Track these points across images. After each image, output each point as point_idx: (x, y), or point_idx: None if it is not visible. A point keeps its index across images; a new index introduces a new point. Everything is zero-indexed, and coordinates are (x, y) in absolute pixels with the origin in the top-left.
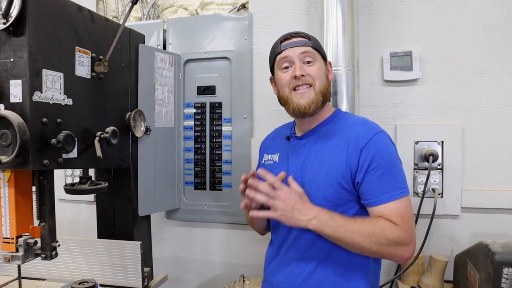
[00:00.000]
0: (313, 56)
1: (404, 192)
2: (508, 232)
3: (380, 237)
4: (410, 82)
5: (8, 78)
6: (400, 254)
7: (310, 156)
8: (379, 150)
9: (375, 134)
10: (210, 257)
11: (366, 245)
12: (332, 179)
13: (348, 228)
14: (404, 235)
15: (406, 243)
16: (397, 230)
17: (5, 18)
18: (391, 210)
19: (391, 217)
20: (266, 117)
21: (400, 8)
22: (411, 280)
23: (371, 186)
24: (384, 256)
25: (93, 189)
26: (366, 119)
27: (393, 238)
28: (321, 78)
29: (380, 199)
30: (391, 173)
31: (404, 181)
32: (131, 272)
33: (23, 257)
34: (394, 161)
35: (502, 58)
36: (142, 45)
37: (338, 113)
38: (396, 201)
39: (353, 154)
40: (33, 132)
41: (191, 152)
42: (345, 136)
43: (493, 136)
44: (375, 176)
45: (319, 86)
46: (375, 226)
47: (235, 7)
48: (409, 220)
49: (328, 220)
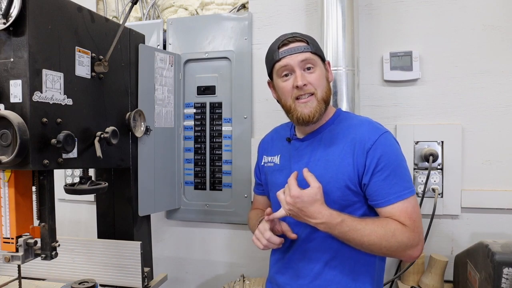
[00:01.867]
0: (313, 62)
1: (411, 191)
2: (508, 232)
3: (391, 239)
4: (410, 82)
5: (8, 78)
6: (409, 255)
7: (314, 158)
8: (385, 151)
9: (380, 135)
10: (210, 257)
11: (376, 247)
12: (340, 181)
13: (359, 232)
14: (413, 236)
15: (415, 243)
16: (407, 231)
17: (5, 18)
18: (399, 211)
19: (400, 218)
20: (266, 117)
21: (400, 8)
22: (411, 280)
23: (378, 187)
24: (393, 256)
25: (93, 189)
26: (370, 120)
27: (404, 240)
28: (322, 85)
29: (387, 199)
30: (397, 174)
31: (410, 181)
32: (131, 272)
33: (23, 257)
34: (400, 161)
35: (502, 58)
36: (142, 45)
37: (340, 113)
38: (403, 201)
39: (359, 156)
40: (33, 132)
41: (191, 152)
42: (350, 137)
43: (493, 136)
44: (382, 177)
45: (321, 94)
46: (386, 228)
47: (235, 7)
48: (417, 219)
49: (337, 225)
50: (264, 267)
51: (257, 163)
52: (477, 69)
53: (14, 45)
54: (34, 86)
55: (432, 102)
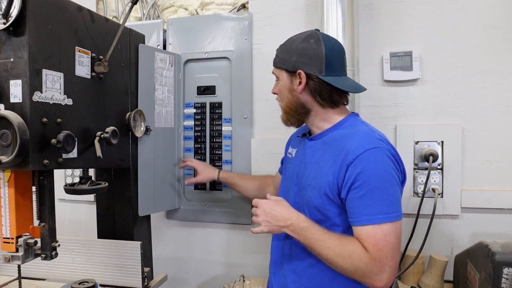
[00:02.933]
0: (276, 75)
1: (387, 217)
2: (508, 232)
3: (346, 259)
4: (410, 82)
5: (8, 78)
6: (370, 283)
7: (311, 160)
8: (365, 168)
9: (366, 150)
10: (210, 257)
11: (333, 264)
12: (321, 189)
13: (319, 243)
14: (373, 265)
15: (374, 272)
16: (366, 258)
17: (5, 18)
18: (366, 235)
19: (364, 242)
20: (266, 117)
21: (400, 8)
22: (411, 280)
23: (352, 204)
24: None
25: (93, 189)
26: (368, 131)
27: (360, 265)
28: (283, 96)
29: (358, 220)
30: (374, 195)
31: (391, 205)
32: (131, 272)
33: (23, 257)
34: (382, 182)
35: (502, 58)
36: (142, 45)
37: (348, 119)
38: (374, 226)
39: (341, 168)
40: (33, 132)
41: (191, 152)
42: (341, 146)
43: (493, 136)
44: (357, 195)
45: (283, 105)
46: (345, 248)
47: (235, 7)
48: (385, 249)
49: (302, 230)
50: (264, 267)
51: (285, 150)
52: (477, 69)
53: (14, 45)
54: (34, 86)
55: (432, 102)
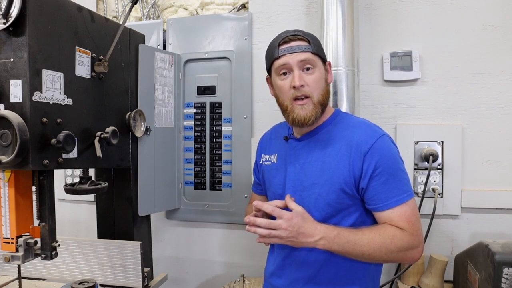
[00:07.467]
0: (313, 63)
1: (409, 195)
2: (508, 232)
3: (390, 246)
4: (410, 82)
5: (8, 78)
6: (411, 257)
7: (310, 159)
8: (383, 154)
9: (378, 138)
10: (210, 257)
11: (377, 255)
12: (335, 184)
13: (357, 242)
14: (413, 239)
15: (415, 246)
16: (406, 236)
17: (5, 18)
18: (398, 215)
19: (398, 223)
20: (266, 117)
21: (400, 8)
22: (411, 280)
23: (376, 191)
24: (395, 261)
25: (93, 189)
26: (367, 122)
27: (403, 244)
28: (320, 87)
29: (386, 204)
30: (396, 177)
31: (409, 184)
32: (131, 272)
33: (23, 257)
34: (398, 165)
35: (502, 58)
36: (142, 45)
37: (338, 114)
38: (402, 205)
39: (356, 159)
40: (33, 132)
41: (191, 152)
42: (347, 140)
43: (493, 136)
44: (380, 181)
45: (317, 97)
46: (384, 236)
47: (235, 7)
48: (416, 222)
49: (335, 238)
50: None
51: (256, 161)
52: (477, 69)
53: (14, 45)
54: (34, 86)
55: (432, 102)
